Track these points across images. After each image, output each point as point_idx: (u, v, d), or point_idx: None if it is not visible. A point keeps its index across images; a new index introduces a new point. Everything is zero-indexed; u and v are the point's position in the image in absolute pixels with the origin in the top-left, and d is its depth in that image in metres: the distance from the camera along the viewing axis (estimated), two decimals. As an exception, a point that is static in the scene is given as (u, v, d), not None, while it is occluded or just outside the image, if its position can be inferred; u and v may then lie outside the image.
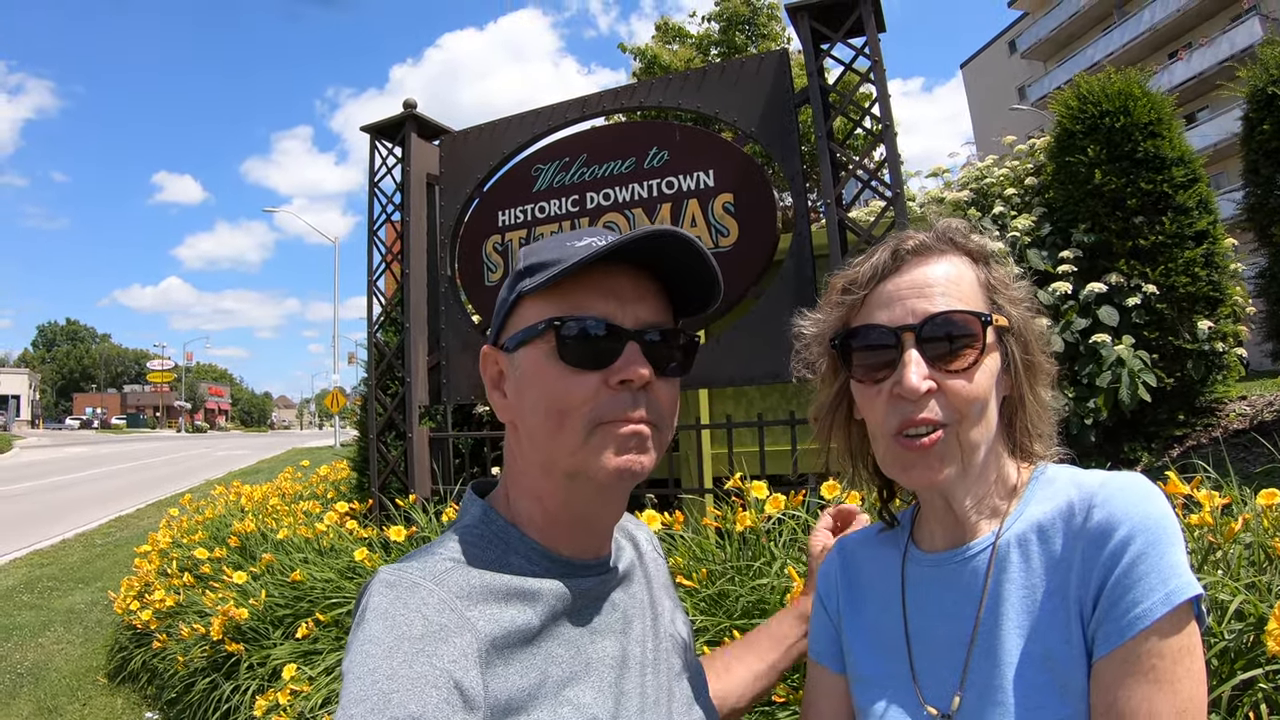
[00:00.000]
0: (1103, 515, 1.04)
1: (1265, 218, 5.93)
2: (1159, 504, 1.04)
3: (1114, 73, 6.73)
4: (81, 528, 14.46)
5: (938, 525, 1.22)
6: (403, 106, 5.85)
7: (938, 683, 1.15)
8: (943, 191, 7.98)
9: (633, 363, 1.06)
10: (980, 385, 1.11)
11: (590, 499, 1.12)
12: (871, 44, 4.38)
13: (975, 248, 1.20)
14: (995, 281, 1.18)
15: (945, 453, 1.10)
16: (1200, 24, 34.25)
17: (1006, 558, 1.12)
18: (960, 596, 1.15)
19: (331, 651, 4.20)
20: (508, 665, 0.98)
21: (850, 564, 1.37)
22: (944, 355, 1.10)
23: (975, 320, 1.12)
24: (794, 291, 4.46)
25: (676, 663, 1.24)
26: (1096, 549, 1.03)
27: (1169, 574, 0.98)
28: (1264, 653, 1.88)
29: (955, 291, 1.13)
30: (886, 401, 1.13)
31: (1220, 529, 2.24)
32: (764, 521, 3.28)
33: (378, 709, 0.83)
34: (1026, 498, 1.16)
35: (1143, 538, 1.00)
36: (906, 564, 1.26)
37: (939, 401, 1.10)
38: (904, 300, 1.13)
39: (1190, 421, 6.33)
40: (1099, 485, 1.09)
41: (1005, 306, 1.17)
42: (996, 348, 1.15)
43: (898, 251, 1.17)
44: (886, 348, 1.13)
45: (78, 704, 5.91)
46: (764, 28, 20.45)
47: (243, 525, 6.48)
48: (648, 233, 1.04)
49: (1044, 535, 1.10)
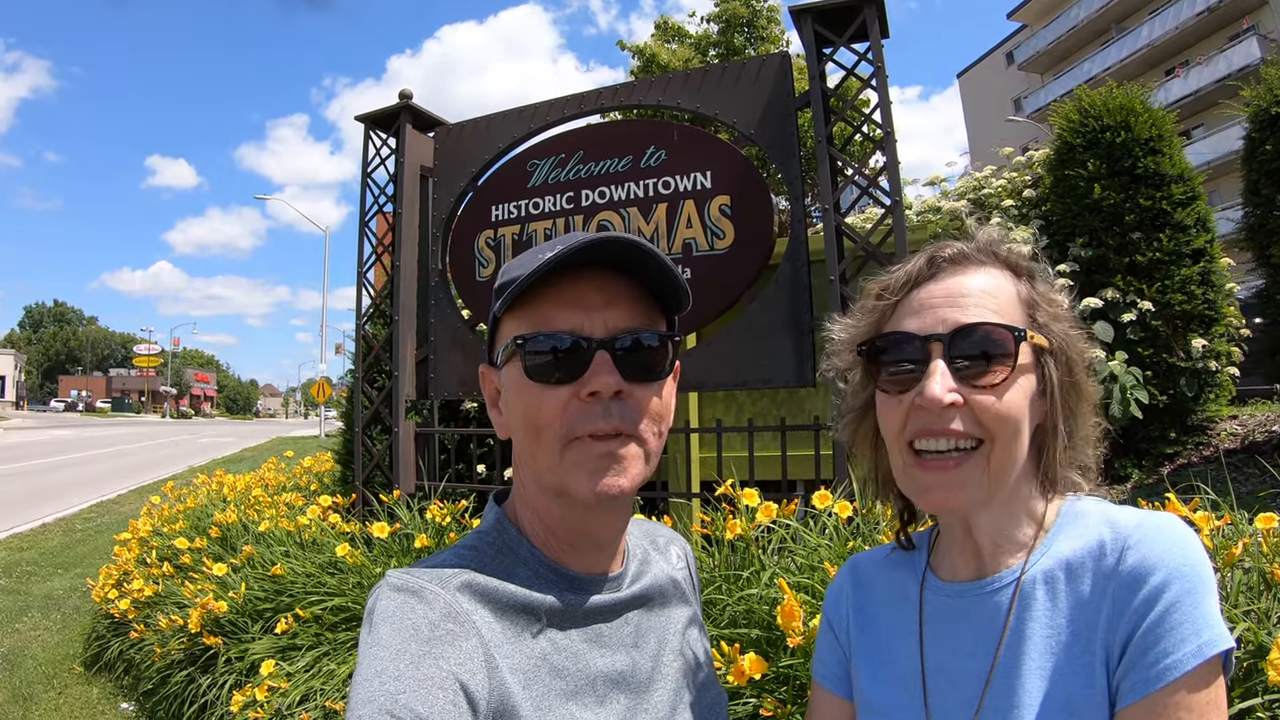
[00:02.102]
0: (1136, 558, 0.99)
1: (1265, 238, 5.92)
2: (1195, 550, 0.99)
3: (1115, 87, 6.73)
4: (62, 512, 14.34)
5: (959, 554, 1.17)
6: (399, 97, 5.79)
7: (951, 717, 1.10)
8: (940, 201, 7.97)
9: (599, 373, 1.04)
10: (1012, 404, 1.05)
11: (581, 516, 1.11)
12: (874, 49, 4.34)
13: (1017, 261, 1.15)
14: (1037, 297, 1.12)
15: (968, 478, 1.05)
16: (1198, 42, 34.41)
17: (1031, 595, 1.07)
18: (980, 632, 1.10)
19: (310, 648, 4.15)
20: (511, 675, 0.98)
21: (863, 586, 1.31)
22: (974, 369, 1.05)
23: (1009, 335, 1.05)
24: (788, 297, 4.42)
25: (692, 681, 1.22)
26: (1129, 593, 0.98)
27: (1202, 625, 0.93)
28: (1263, 682, 1.84)
29: (991, 304, 1.08)
30: (907, 411, 1.08)
31: (1219, 553, 2.20)
32: (754, 530, 3.24)
33: (385, 709, 0.84)
34: (1055, 532, 1.10)
35: (1178, 585, 0.95)
36: (925, 593, 1.20)
37: (966, 417, 1.04)
38: (935, 309, 1.08)
39: (1181, 440, 6.33)
40: (1134, 526, 1.03)
41: (1047, 324, 1.10)
42: (1033, 368, 1.08)
43: (934, 259, 1.13)
44: (914, 358, 1.08)
45: (53, 692, 5.83)
46: (763, 30, 20.48)
47: (224, 516, 6.42)
48: (584, 242, 1.03)
49: (1072, 574, 1.05)
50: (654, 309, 1.14)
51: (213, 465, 19.95)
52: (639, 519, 1.40)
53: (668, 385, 1.14)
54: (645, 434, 1.09)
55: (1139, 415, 5.88)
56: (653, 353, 1.10)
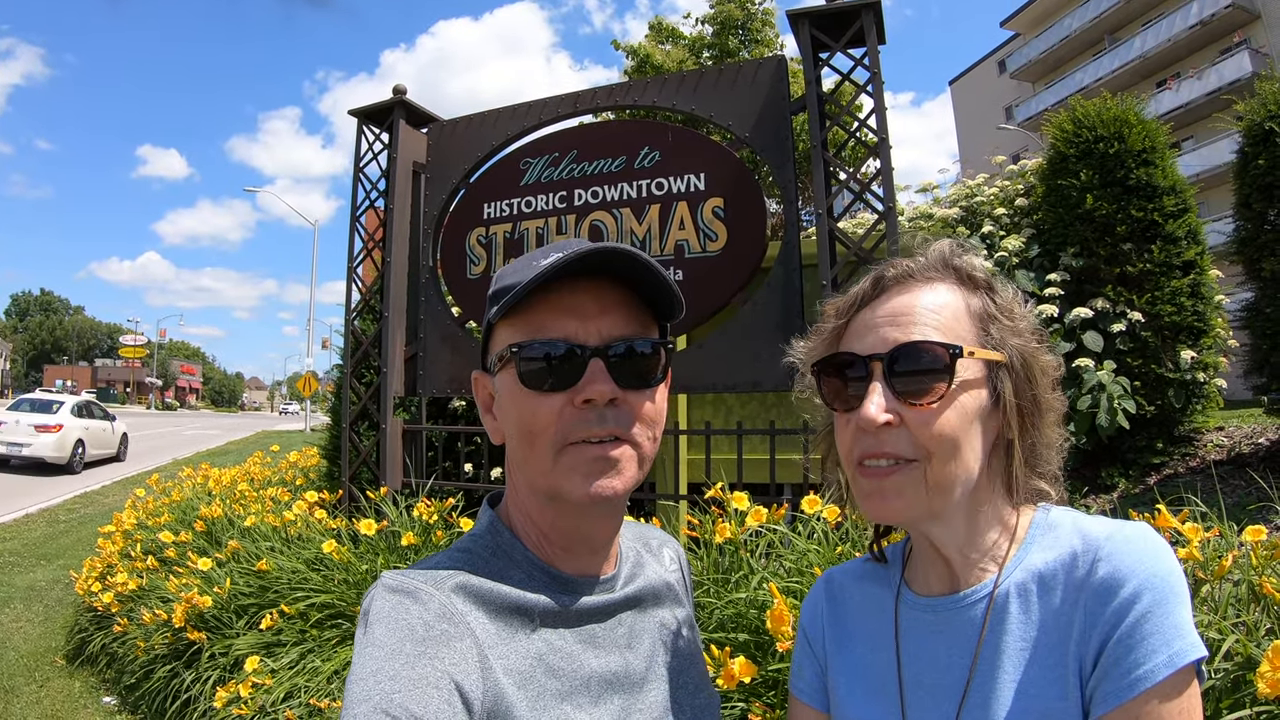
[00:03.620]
0: (1108, 570, 1.00)
1: (1255, 252, 5.94)
2: (1167, 560, 1.00)
3: (1109, 98, 6.75)
4: (45, 503, 14.28)
5: (929, 567, 1.17)
6: (392, 92, 5.76)
7: None
8: (931, 208, 7.98)
9: (594, 381, 1.05)
10: (947, 421, 1.04)
11: (573, 519, 1.12)
12: (871, 55, 4.35)
13: (971, 273, 1.14)
14: (994, 310, 1.11)
15: (903, 488, 1.05)
16: (1190, 55, 34.53)
17: (1005, 608, 1.07)
18: (954, 645, 1.11)
19: (295, 645, 4.13)
20: (505, 675, 0.99)
21: (838, 599, 1.32)
22: (912, 388, 1.05)
23: (945, 352, 1.05)
24: (781, 300, 4.43)
25: (685, 682, 1.23)
26: (1100, 604, 0.99)
27: (1173, 635, 0.94)
28: (1251, 693, 1.84)
29: (934, 320, 1.07)
30: (854, 431, 1.09)
31: (1209, 565, 2.21)
32: (743, 533, 3.24)
33: (380, 708, 0.85)
34: (1027, 544, 1.11)
35: (1149, 596, 0.96)
36: (900, 606, 1.21)
37: (901, 436, 1.05)
38: (878, 329, 1.09)
39: (1168, 450, 6.35)
40: (1105, 537, 1.03)
41: (1003, 337, 1.10)
42: (983, 383, 1.08)
43: (880, 279, 1.14)
44: (858, 379, 1.09)
45: (35, 685, 5.79)
46: (757, 33, 20.49)
47: (210, 510, 6.38)
48: (581, 252, 1.03)
49: (1045, 586, 1.06)
50: (647, 316, 1.14)
51: (198, 458, 19.86)
52: (631, 522, 1.41)
53: (661, 391, 1.14)
54: (639, 438, 1.10)
55: (1126, 425, 5.90)
56: (646, 360, 1.11)
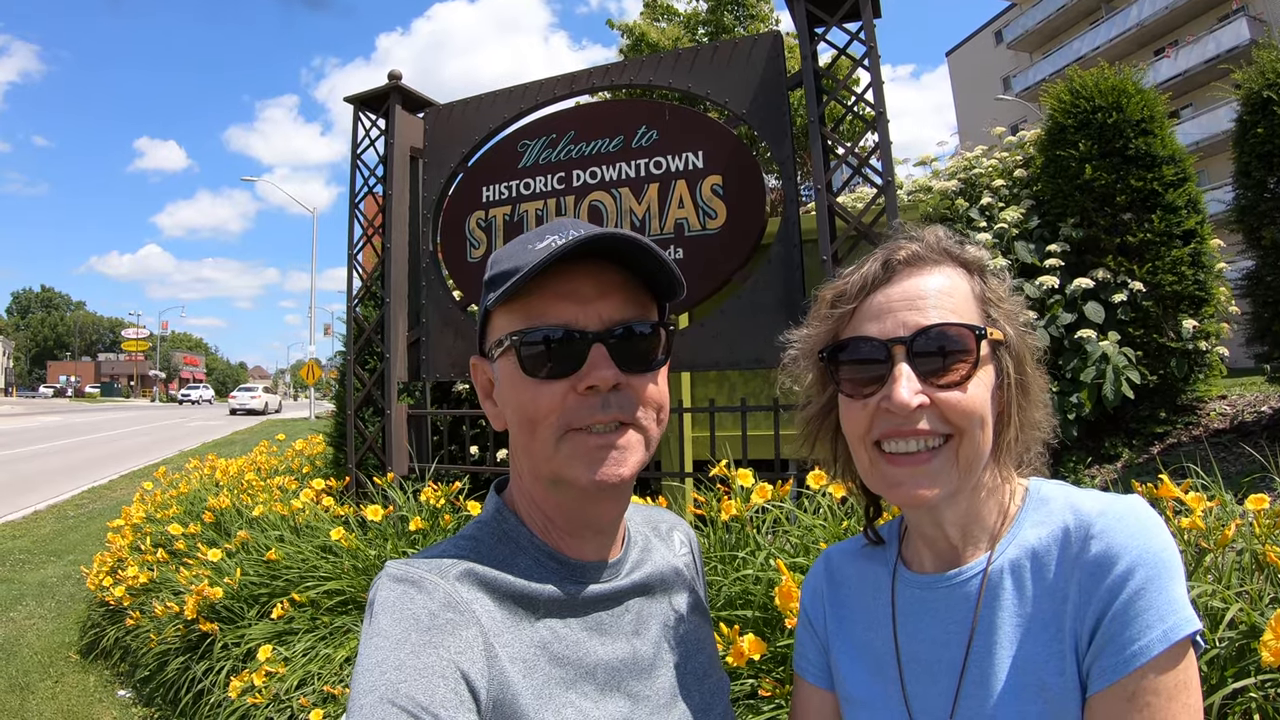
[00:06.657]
0: (1101, 546, 1.01)
1: (1256, 220, 5.92)
2: (1160, 536, 1.01)
3: (1108, 68, 6.71)
4: (53, 499, 14.29)
5: (926, 546, 1.19)
6: (388, 78, 5.74)
7: (929, 707, 1.12)
8: (930, 180, 7.95)
9: (597, 367, 1.05)
10: (976, 398, 1.07)
11: (578, 504, 1.12)
12: (867, 29, 4.32)
13: (970, 259, 1.16)
14: (990, 294, 1.14)
15: (940, 471, 1.07)
16: (1187, 22, 34.30)
17: (999, 585, 1.09)
18: (951, 622, 1.12)
19: (307, 632, 4.16)
20: (511, 663, 0.99)
21: (836, 579, 1.33)
22: (936, 369, 1.06)
23: (969, 333, 1.07)
24: (781, 276, 4.42)
25: (694, 668, 1.23)
26: (1094, 581, 1.00)
27: (1168, 610, 0.95)
28: (1255, 662, 1.85)
29: (948, 304, 1.09)
30: (872, 414, 1.09)
31: (1212, 534, 2.21)
32: (748, 510, 3.24)
33: (387, 698, 0.85)
34: (1020, 520, 1.12)
35: (1143, 572, 0.97)
36: (896, 584, 1.22)
37: (930, 416, 1.06)
38: (895, 312, 1.09)
39: (1171, 419, 6.35)
40: (1097, 514, 1.05)
41: (1000, 321, 1.12)
42: (991, 362, 1.10)
43: (889, 262, 1.13)
44: (876, 362, 1.09)
45: (50, 681, 5.81)
46: (752, 8, 20.40)
47: (217, 501, 6.41)
48: (587, 237, 1.03)
49: (1038, 562, 1.07)
50: (647, 297, 1.14)
51: (204, 449, 19.93)
52: (639, 504, 1.41)
53: (663, 372, 1.14)
54: (644, 421, 1.10)
55: (1130, 395, 5.91)
56: (647, 341, 1.11)
